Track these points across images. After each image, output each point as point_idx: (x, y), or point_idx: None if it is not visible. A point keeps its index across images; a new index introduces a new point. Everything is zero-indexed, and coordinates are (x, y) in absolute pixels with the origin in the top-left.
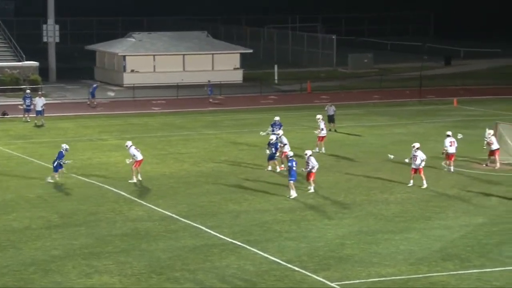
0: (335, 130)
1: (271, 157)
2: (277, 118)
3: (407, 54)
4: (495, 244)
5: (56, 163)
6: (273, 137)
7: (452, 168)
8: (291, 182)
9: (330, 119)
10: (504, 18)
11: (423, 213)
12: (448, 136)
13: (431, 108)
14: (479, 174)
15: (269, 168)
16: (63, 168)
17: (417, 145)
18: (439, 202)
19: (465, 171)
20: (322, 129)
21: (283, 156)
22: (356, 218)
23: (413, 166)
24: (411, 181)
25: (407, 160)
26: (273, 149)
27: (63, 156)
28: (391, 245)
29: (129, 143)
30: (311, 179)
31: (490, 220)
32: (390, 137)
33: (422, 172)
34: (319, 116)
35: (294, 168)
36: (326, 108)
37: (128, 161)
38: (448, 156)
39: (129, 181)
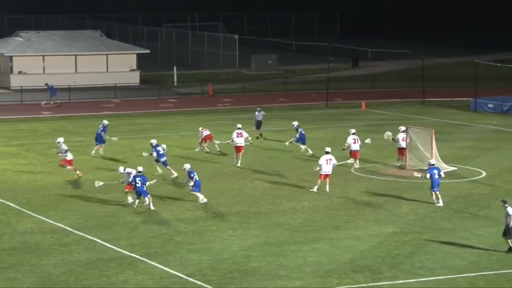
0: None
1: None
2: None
3: (312, 55)
4: (406, 255)
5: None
6: None
7: (356, 165)
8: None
9: (258, 125)
10: (414, 18)
11: (332, 222)
12: (353, 133)
13: (338, 112)
14: (388, 180)
15: None
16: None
17: (328, 149)
18: (348, 211)
19: (375, 178)
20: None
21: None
22: (262, 229)
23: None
24: (316, 187)
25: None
26: None
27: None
28: (298, 257)
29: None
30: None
31: (401, 229)
32: None
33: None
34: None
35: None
36: (256, 114)
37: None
38: (352, 153)
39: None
